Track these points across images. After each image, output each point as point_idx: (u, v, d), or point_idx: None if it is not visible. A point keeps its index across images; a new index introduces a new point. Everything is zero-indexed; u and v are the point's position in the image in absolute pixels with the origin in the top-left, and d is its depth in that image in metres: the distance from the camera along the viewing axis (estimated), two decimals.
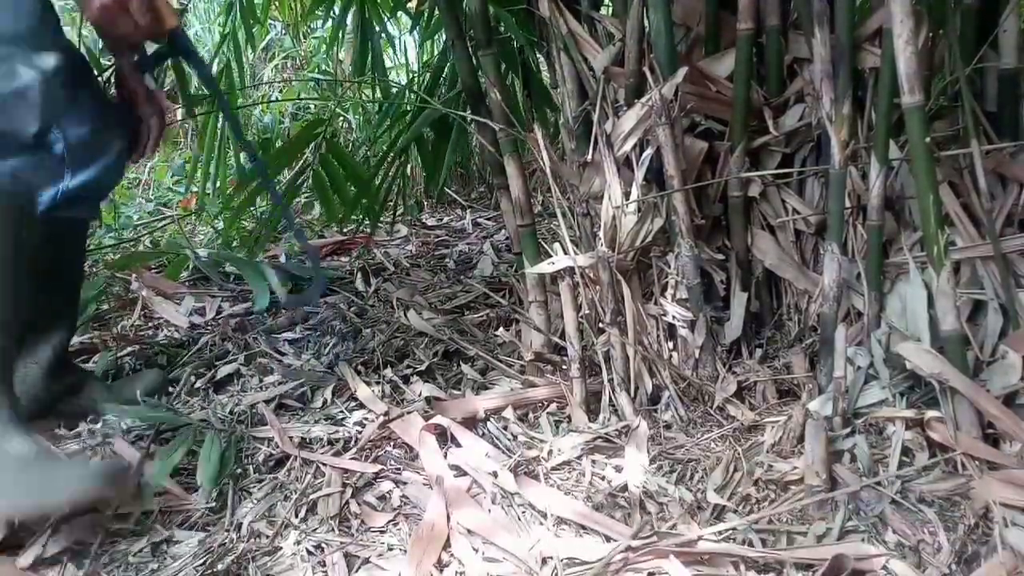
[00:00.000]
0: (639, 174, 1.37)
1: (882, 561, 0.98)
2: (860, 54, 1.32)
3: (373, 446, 1.32)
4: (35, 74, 1.12)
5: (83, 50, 1.50)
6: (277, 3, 3.42)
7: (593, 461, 1.26)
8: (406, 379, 1.55)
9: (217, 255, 2.25)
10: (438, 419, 1.33)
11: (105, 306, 2.00)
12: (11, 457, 1.10)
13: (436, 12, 2.22)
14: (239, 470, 1.26)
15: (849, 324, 1.35)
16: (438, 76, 2.31)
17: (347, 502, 1.18)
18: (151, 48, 1.27)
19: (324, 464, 1.27)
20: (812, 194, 1.48)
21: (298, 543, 1.10)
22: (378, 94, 2.77)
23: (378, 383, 1.53)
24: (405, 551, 1.07)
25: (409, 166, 2.88)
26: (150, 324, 1.97)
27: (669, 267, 1.42)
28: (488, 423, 1.38)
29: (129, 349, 1.77)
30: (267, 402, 1.46)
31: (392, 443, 1.34)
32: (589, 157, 1.44)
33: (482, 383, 1.54)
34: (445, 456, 1.26)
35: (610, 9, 1.58)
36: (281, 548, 1.09)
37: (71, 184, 1.25)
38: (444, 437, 1.32)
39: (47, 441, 1.23)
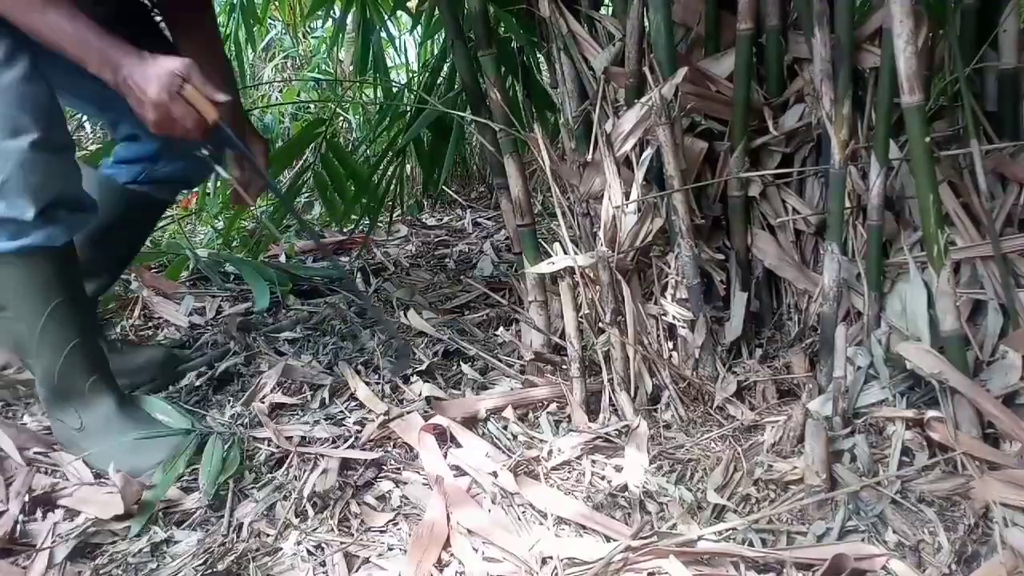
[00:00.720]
0: (639, 174, 1.37)
1: (882, 561, 0.98)
2: (860, 54, 1.32)
3: (373, 446, 1.32)
4: (11, 164, 1.14)
5: None
6: (277, 3, 3.42)
7: (593, 461, 1.26)
8: (406, 379, 1.55)
9: (217, 255, 2.26)
10: (438, 419, 1.33)
11: (106, 305, 2.00)
12: (119, 435, 1.30)
13: (436, 12, 2.22)
14: (241, 472, 1.26)
15: (849, 324, 1.35)
16: (436, 75, 2.31)
17: (347, 502, 1.18)
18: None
19: (323, 457, 1.27)
20: (812, 194, 1.48)
21: (298, 543, 1.10)
22: (378, 94, 2.77)
23: (378, 383, 1.53)
24: (405, 551, 1.07)
25: (409, 166, 2.88)
26: (150, 324, 1.97)
27: (669, 267, 1.42)
28: (488, 423, 1.38)
29: None
30: (264, 402, 1.46)
31: (392, 443, 1.34)
32: (589, 157, 1.44)
33: (482, 383, 1.54)
34: (445, 456, 1.26)
35: (610, 9, 1.58)
36: (281, 548, 1.09)
37: (158, 170, 1.49)
38: (444, 437, 1.31)
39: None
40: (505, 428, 1.36)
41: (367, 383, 1.52)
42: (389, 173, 2.40)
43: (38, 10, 1.11)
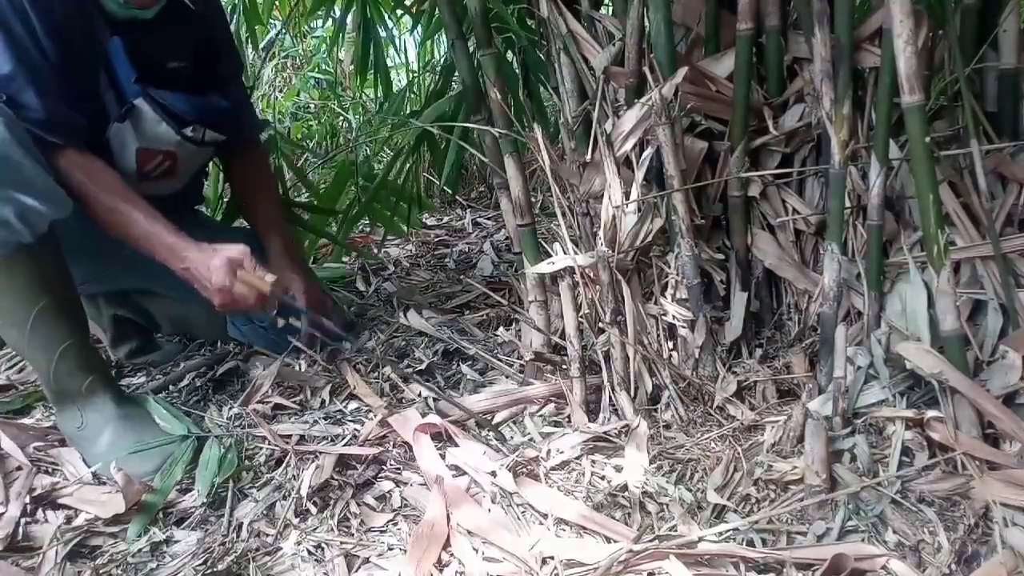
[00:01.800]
0: (639, 174, 1.37)
1: (882, 561, 0.98)
2: (860, 54, 1.32)
3: (372, 446, 1.32)
4: None
5: None
6: (278, 3, 3.41)
7: (593, 461, 1.26)
8: (406, 379, 1.55)
9: None
10: (434, 418, 1.33)
11: None
12: (118, 438, 1.30)
13: (436, 12, 2.22)
14: (239, 472, 1.26)
15: (849, 324, 1.35)
16: (449, 74, 2.30)
17: (347, 502, 1.18)
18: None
19: (320, 454, 1.27)
20: (812, 194, 1.48)
21: (298, 543, 1.10)
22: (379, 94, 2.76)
23: (377, 382, 1.53)
24: (405, 551, 1.07)
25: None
26: None
27: (669, 267, 1.42)
28: None
29: None
30: (264, 402, 1.46)
31: (392, 443, 1.34)
32: (589, 157, 1.44)
33: (482, 383, 1.54)
34: (444, 456, 1.26)
35: (610, 9, 1.58)
36: (281, 548, 1.09)
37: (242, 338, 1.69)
38: (443, 437, 1.31)
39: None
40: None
41: (367, 383, 1.52)
42: (401, 174, 2.38)
43: (116, 207, 1.28)
